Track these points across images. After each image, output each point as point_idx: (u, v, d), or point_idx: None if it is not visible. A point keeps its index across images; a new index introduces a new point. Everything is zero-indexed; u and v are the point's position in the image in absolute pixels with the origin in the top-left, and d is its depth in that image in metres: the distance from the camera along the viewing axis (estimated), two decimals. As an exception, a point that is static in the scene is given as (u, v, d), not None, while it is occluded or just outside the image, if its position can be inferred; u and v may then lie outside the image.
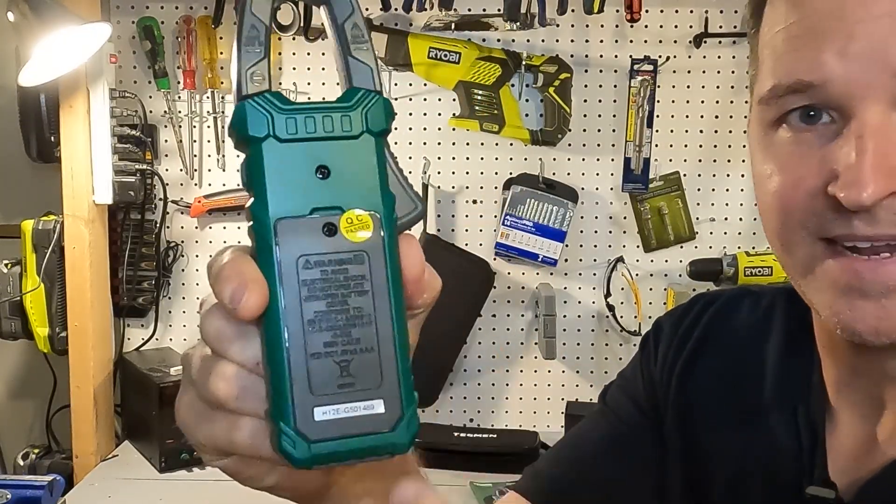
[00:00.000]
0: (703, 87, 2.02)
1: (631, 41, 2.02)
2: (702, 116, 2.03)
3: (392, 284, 0.43)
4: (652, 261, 2.07)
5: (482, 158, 2.06)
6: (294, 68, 2.06)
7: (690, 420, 0.79)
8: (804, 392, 0.71)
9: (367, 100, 0.44)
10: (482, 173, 2.07)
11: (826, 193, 0.57)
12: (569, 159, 2.05)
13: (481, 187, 2.07)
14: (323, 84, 2.06)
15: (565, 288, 2.09)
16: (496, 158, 2.06)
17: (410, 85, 2.04)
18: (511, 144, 2.05)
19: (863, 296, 0.57)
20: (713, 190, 2.05)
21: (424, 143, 2.06)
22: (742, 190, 2.03)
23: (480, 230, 2.08)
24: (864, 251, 0.57)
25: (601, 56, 2.03)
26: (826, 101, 0.57)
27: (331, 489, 0.52)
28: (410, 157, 2.06)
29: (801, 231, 0.60)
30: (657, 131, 2.02)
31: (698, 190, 2.05)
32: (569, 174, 2.04)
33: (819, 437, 0.68)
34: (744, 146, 1.96)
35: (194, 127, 2.07)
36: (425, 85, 2.04)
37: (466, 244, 2.07)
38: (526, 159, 2.05)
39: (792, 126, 0.59)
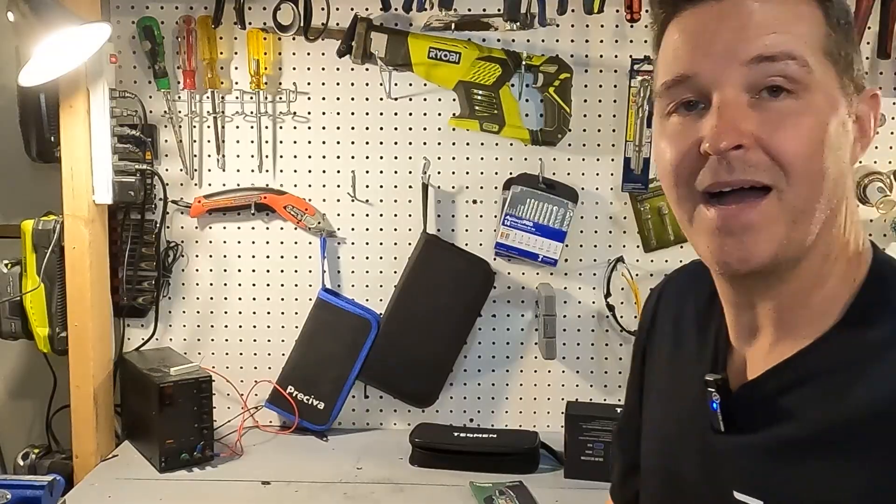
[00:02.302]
0: (703, 87, 2.02)
1: (631, 41, 2.02)
2: (702, 116, 2.03)
3: None
4: (652, 261, 2.07)
5: (482, 158, 2.06)
6: (294, 68, 2.06)
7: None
8: (711, 336, 0.96)
9: None
10: (482, 173, 2.07)
11: (699, 153, 0.80)
12: (569, 159, 2.05)
13: (481, 187, 2.07)
14: (323, 84, 2.06)
15: (565, 288, 2.09)
16: (496, 158, 2.06)
17: (410, 85, 2.04)
18: (511, 144, 2.05)
19: (729, 234, 0.80)
20: (713, 190, 2.05)
21: (424, 143, 2.06)
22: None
23: (480, 230, 2.08)
24: (730, 201, 0.80)
25: (601, 56, 2.03)
26: (699, 89, 0.81)
27: None
28: (410, 157, 2.06)
29: (686, 188, 0.83)
30: (657, 131, 2.01)
31: (698, 190, 2.05)
32: (569, 174, 2.04)
33: (720, 360, 0.93)
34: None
35: (194, 127, 2.07)
36: (425, 85, 2.04)
37: (466, 244, 2.07)
38: (526, 159, 2.05)
39: (679, 113, 0.83)
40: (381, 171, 2.08)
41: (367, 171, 2.08)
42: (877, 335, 0.80)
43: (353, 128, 2.07)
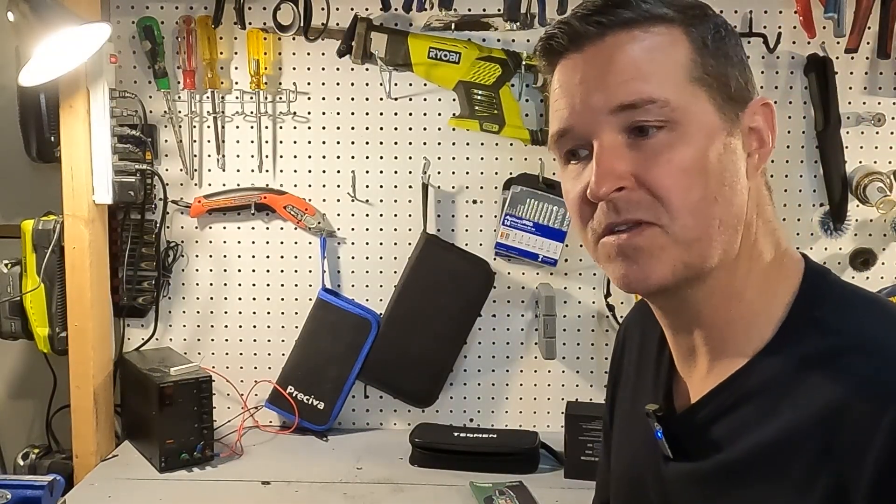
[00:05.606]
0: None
1: (631, 41, 2.01)
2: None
3: None
4: (652, 261, 2.07)
5: (482, 158, 2.06)
6: (294, 68, 2.06)
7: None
8: (663, 365, 0.98)
9: None
10: (482, 173, 2.07)
11: (588, 200, 0.84)
12: (569, 159, 2.04)
13: (481, 187, 2.07)
14: (323, 84, 2.06)
15: (565, 288, 2.09)
16: (496, 158, 2.06)
17: (410, 85, 2.04)
18: (511, 144, 2.05)
19: (626, 259, 0.83)
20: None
21: (424, 143, 2.06)
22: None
23: (480, 230, 2.08)
24: (622, 232, 0.83)
25: (601, 56, 2.02)
26: (578, 139, 0.85)
27: None
28: (410, 157, 2.06)
29: (588, 227, 0.86)
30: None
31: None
32: (569, 174, 2.04)
33: (666, 388, 0.95)
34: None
35: (194, 127, 2.07)
36: (425, 85, 2.04)
37: (466, 244, 2.07)
38: (526, 159, 2.05)
39: (571, 161, 0.87)
40: (381, 171, 2.08)
41: (367, 171, 2.08)
42: (804, 354, 0.81)
43: (353, 128, 2.07)
